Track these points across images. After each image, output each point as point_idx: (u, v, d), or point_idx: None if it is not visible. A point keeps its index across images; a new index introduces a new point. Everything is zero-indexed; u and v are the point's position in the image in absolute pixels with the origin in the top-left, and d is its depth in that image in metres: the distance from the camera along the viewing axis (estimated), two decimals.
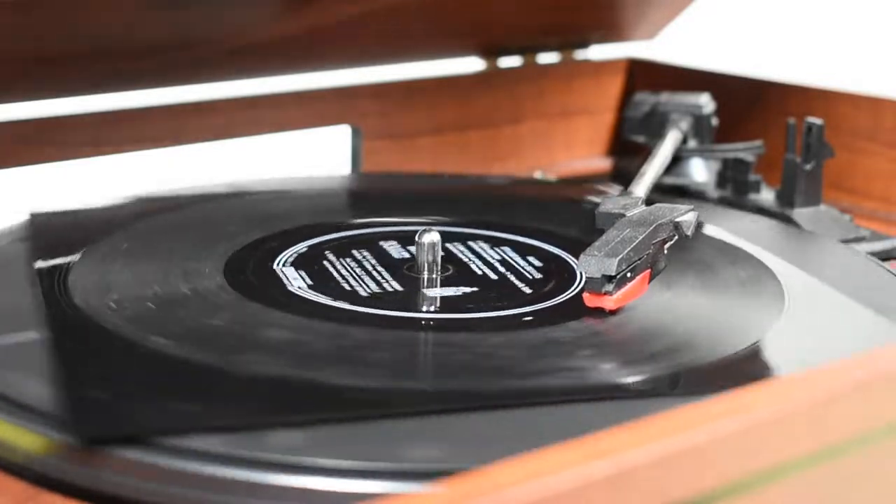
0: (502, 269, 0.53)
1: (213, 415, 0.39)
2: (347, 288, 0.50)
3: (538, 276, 0.53)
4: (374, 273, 0.52)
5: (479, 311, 0.49)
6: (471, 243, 0.57)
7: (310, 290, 0.50)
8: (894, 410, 0.36)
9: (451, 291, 0.51)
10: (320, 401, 0.41)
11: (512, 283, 0.52)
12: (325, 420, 0.39)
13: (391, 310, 0.48)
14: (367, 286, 0.51)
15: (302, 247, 0.55)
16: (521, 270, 0.53)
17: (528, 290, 0.51)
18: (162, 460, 0.37)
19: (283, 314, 0.47)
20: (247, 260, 0.53)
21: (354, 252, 0.55)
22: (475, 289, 0.51)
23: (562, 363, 0.44)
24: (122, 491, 0.37)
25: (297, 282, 0.51)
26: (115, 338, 0.45)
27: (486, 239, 0.58)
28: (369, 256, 0.54)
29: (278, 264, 0.53)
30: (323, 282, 0.51)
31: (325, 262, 0.53)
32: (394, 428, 0.39)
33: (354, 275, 0.52)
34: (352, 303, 0.49)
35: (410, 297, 0.50)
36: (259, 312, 0.48)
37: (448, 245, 0.56)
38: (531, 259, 0.55)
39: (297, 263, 0.53)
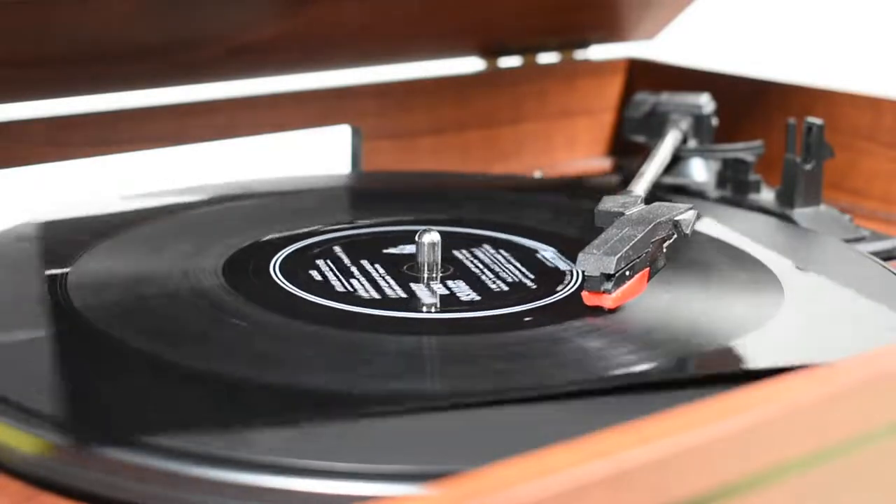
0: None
1: (204, 417, 0.39)
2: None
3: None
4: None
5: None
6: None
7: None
8: (894, 410, 0.36)
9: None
10: (319, 402, 0.41)
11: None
12: (322, 421, 0.39)
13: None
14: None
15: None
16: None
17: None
18: (160, 462, 0.37)
19: (281, 315, 0.47)
20: (246, 261, 0.53)
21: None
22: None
23: (560, 362, 0.44)
24: (120, 492, 0.37)
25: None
26: (113, 339, 0.45)
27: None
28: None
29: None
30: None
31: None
32: (393, 429, 0.39)
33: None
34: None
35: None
36: (258, 314, 0.48)
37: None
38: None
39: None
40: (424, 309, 0.49)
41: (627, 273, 0.48)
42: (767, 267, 0.54)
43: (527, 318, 0.48)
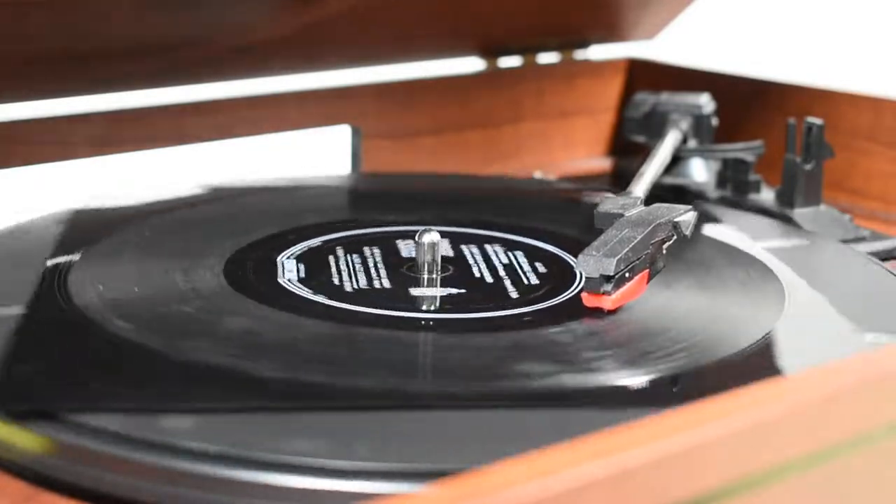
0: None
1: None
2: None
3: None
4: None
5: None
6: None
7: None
8: (894, 410, 0.36)
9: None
10: (318, 401, 0.41)
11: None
12: (322, 420, 0.39)
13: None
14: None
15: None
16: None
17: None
18: (161, 460, 0.37)
19: (280, 313, 0.47)
20: (247, 260, 0.53)
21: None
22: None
23: (560, 363, 0.44)
24: (121, 491, 0.37)
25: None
26: (113, 337, 0.45)
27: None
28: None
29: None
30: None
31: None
32: (392, 428, 0.39)
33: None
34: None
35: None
36: (258, 312, 0.48)
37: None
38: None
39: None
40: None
41: (627, 275, 0.48)
42: (767, 267, 0.54)
43: (526, 319, 0.48)
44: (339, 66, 0.74)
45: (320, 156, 0.75)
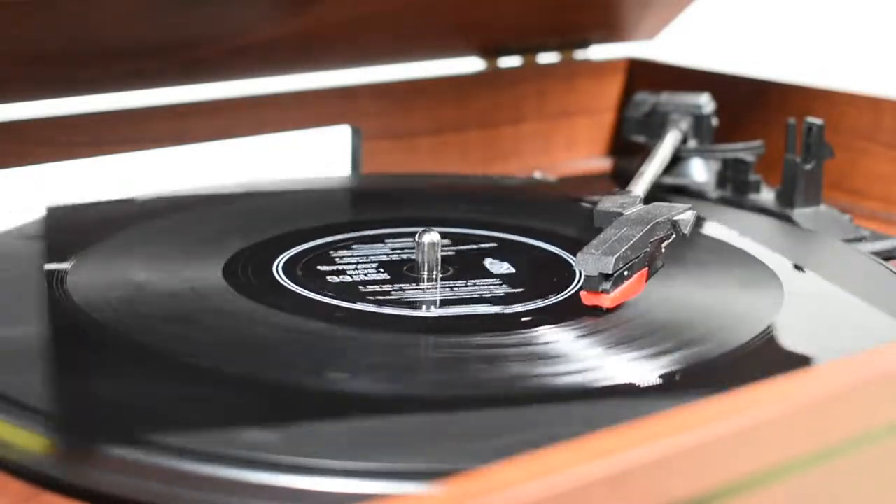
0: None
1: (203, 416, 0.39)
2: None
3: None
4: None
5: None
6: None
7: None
8: (894, 410, 0.36)
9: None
10: (318, 400, 0.41)
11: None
12: (322, 419, 0.39)
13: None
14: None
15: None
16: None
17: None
18: (161, 460, 0.37)
19: (280, 315, 0.47)
20: (247, 260, 0.53)
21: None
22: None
23: (559, 362, 0.44)
24: (122, 491, 0.37)
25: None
26: (113, 337, 0.45)
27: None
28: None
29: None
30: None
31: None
32: (392, 428, 0.39)
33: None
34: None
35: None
36: (257, 313, 0.48)
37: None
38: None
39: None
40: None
41: (626, 273, 0.48)
42: (767, 267, 0.54)
43: (525, 318, 0.48)
44: (339, 66, 0.74)
45: (320, 156, 0.75)
